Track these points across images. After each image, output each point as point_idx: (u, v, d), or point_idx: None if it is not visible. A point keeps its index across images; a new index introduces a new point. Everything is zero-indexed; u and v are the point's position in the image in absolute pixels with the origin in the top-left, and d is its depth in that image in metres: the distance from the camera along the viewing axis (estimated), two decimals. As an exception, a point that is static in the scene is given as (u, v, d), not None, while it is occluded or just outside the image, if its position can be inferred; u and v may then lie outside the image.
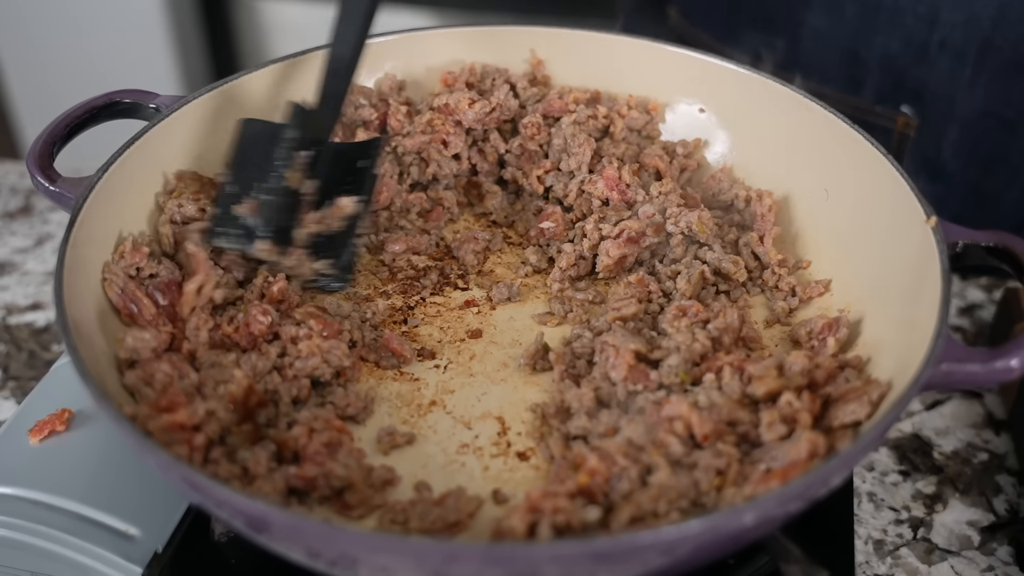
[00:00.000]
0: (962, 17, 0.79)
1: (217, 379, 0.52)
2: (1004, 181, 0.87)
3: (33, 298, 0.85)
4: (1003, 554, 0.64)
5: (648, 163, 0.69)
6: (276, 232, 0.60)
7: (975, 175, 0.87)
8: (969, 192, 0.88)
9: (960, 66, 0.81)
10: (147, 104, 0.64)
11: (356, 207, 0.62)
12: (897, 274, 0.56)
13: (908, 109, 0.85)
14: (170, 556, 0.53)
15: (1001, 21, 0.78)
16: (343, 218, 0.61)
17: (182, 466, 0.43)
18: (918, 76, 0.84)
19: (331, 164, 0.63)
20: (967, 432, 0.72)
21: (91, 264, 0.56)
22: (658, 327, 0.59)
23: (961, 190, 0.87)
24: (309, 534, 0.43)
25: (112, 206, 0.58)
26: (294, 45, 2.50)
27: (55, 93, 2.45)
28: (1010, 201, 0.87)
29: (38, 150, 0.59)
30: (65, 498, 0.54)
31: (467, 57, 0.73)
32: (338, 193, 0.62)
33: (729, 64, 0.69)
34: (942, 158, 0.87)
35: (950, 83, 0.83)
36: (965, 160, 0.87)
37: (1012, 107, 0.82)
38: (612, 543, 0.40)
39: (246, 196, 0.60)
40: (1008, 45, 0.79)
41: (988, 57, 0.80)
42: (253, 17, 2.43)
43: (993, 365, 0.48)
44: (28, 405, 0.60)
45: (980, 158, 0.86)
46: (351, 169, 0.65)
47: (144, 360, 0.52)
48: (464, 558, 0.42)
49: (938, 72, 0.83)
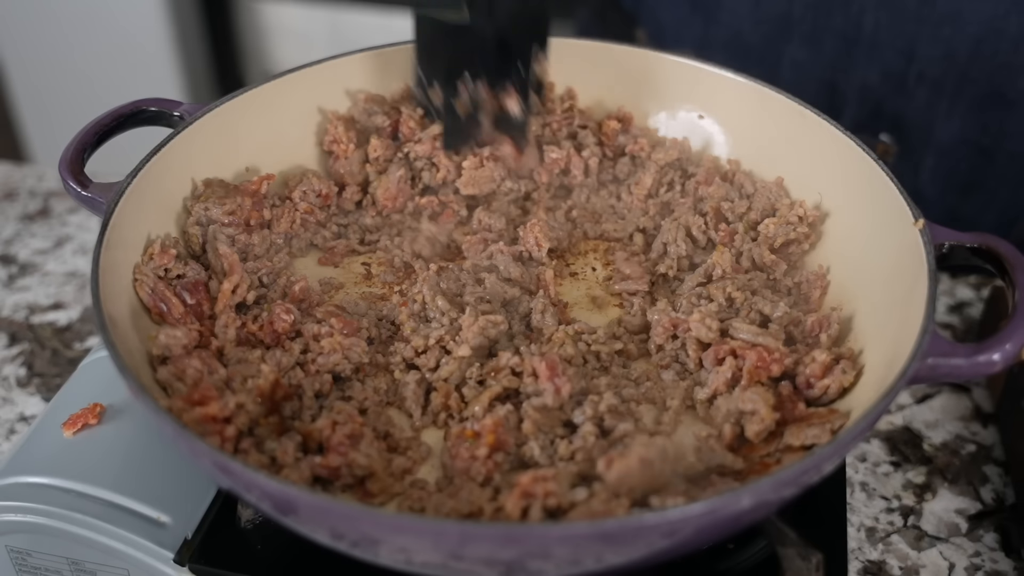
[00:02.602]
0: (939, 52, 0.82)
1: (244, 374, 0.55)
2: (981, 206, 0.90)
3: (54, 298, 0.88)
4: (989, 540, 0.67)
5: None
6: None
7: (953, 200, 0.90)
8: (947, 217, 0.89)
9: (937, 97, 0.84)
10: (171, 112, 0.67)
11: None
12: (887, 273, 0.59)
13: (887, 137, 0.88)
14: (199, 542, 0.55)
15: (976, 55, 0.81)
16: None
17: (216, 452, 0.46)
18: (896, 106, 0.86)
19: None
20: (956, 425, 0.75)
21: (122, 265, 0.58)
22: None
23: (939, 215, 0.89)
24: (333, 515, 0.45)
25: (140, 210, 0.60)
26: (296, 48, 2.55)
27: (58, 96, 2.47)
28: (987, 226, 0.89)
29: (69, 157, 0.61)
30: (99, 487, 0.56)
31: None
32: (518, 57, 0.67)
33: (727, 72, 0.71)
34: (920, 184, 0.90)
35: (928, 113, 0.85)
36: (943, 186, 0.89)
37: (988, 135, 0.85)
38: (619, 524, 0.43)
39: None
40: (983, 77, 0.82)
41: (964, 89, 0.83)
42: (255, 19, 2.44)
43: (976, 359, 0.50)
44: (59, 400, 0.63)
45: (957, 184, 0.89)
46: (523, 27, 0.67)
47: (176, 356, 0.55)
48: (479, 538, 0.44)
49: (916, 103, 0.85)
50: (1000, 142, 0.86)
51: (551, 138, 0.74)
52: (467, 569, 0.47)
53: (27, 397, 0.78)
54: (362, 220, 0.71)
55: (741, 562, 0.56)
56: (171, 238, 0.63)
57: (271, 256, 0.66)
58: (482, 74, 0.67)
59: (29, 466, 0.58)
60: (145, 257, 0.60)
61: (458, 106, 0.67)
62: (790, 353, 0.58)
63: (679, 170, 0.72)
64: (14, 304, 0.87)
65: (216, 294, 0.61)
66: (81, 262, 0.92)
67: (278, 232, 0.67)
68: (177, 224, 0.64)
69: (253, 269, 0.63)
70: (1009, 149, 0.86)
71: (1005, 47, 0.81)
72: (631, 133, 0.74)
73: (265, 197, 0.67)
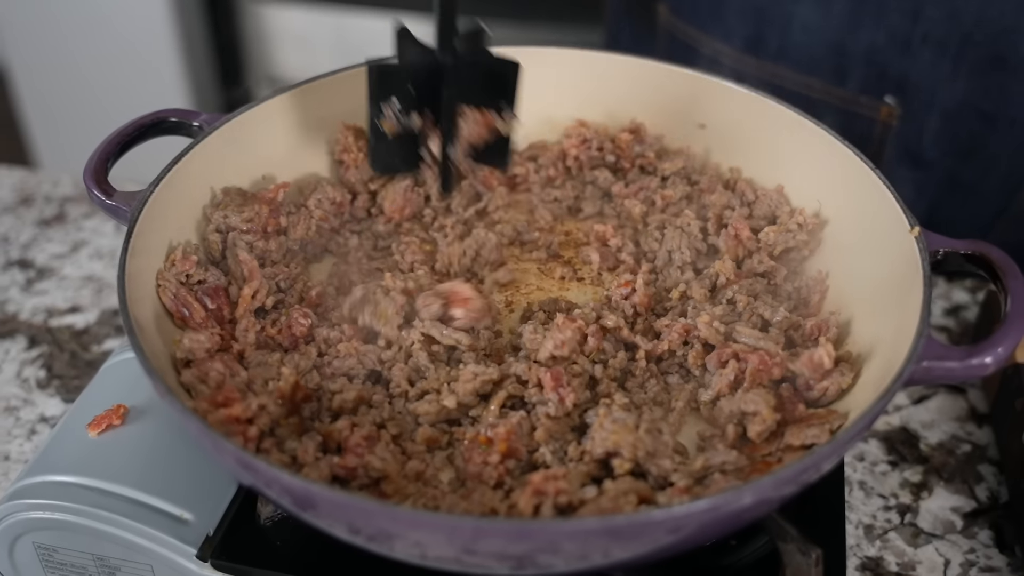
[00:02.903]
0: (944, 13, 0.82)
1: (265, 376, 0.57)
2: (982, 171, 0.90)
3: (72, 301, 0.90)
4: (984, 538, 0.69)
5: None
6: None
7: (955, 165, 0.90)
8: (949, 181, 0.91)
9: (941, 59, 0.84)
10: (191, 122, 0.69)
11: (505, 125, 0.66)
12: (884, 279, 0.61)
13: (891, 99, 0.89)
14: (220, 538, 0.57)
15: (981, 18, 0.81)
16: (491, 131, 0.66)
17: (240, 451, 0.48)
18: (901, 68, 0.87)
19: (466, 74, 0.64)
20: (951, 425, 0.77)
21: (146, 271, 0.60)
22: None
23: (941, 179, 0.91)
24: (351, 511, 0.47)
25: (162, 218, 0.62)
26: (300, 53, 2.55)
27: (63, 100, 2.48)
28: (989, 191, 0.91)
29: (93, 166, 0.63)
30: (124, 486, 0.58)
31: None
32: (481, 104, 0.65)
33: (727, 82, 0.73)
34: (923, 147, 0.90)
35: (931, 75, 0.86)
36: (945, 150, 0.90)
37: (990, 100, 0.86)
38: (627, 520, 0.45)
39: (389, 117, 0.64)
40: (987, 40, 0.82)
41: (968, 51, 0.83)
42: (259, 24, 2.46)
43: (969, 362, 0.52)
44: (82, 402, 0.65)
45: (959, 148, 0.89)
46: (488, 81, 0.65)
47: (199, 360, 0.57)
48: (492, 533, 0.46)
49: (920, 65, 0.86)
50: (1002, 107, 0.86)
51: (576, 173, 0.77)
52: (479, 563, 0.49)
53: (47, 398, 0.80)
54: (375, 227, 0.73)
55: (743, 557, 0.58)
56: (192, 245, 0.65)
57: (287, 262, 0.68)
58: (425, 104, 0.65)
59: (55, 465, 0.60)
60: (167, 263, 0.62)
61: (383, 125, 0.64)
62: (790, 357, 0.60)
63: (684, 178, 0.74)
64: (32, 307, 0.89)
65: (236, 299, 0.63)
66: (97, 266, 0.95)
67: (294, 239, 0.69)
68: (197, 231, 0.67)
69: (271, 275, 0.65)
70: (1011, 115, 0.87)
71: (1010, 9, 0.81)
72: (646, 143, 0.76)
73: (281, 205, 0.69)
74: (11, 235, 0.98)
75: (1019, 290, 0.54)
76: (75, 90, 2.46)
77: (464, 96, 0.64)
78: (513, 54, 0.65)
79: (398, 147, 0.65)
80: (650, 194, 0.74)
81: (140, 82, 2.41)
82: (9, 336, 0.86)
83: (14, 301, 0.90)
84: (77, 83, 2.45)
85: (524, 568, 0.49)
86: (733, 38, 0.94)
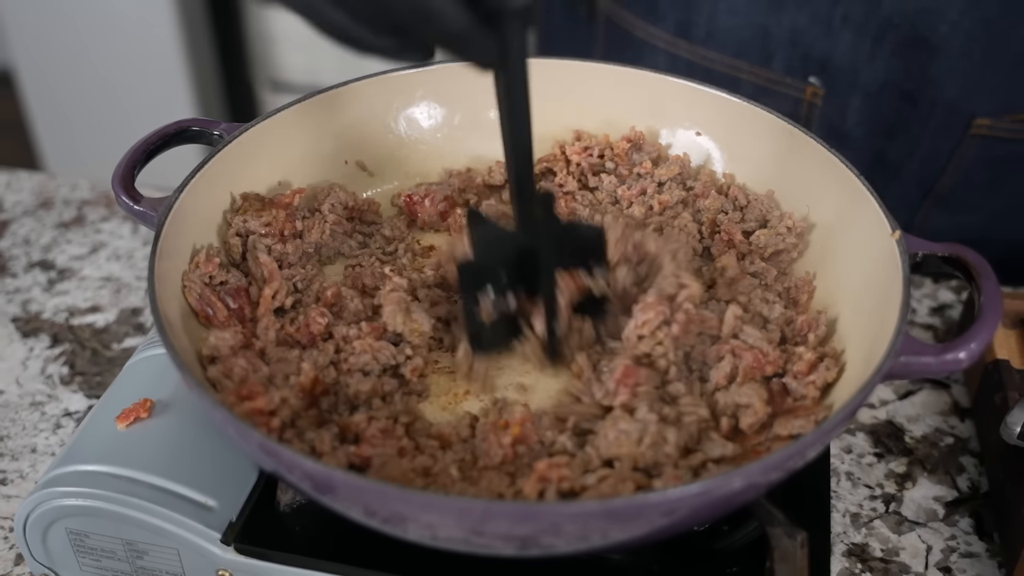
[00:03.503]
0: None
1: (285, 372, 0.61)
2: (906, 151, 0.92)
3: (92, 301, 0.94)
4: (964, 525, 0.72)
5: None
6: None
7: (879, 143, 0.93)
8: (876, 160, 0.93)
9: (862, 40, 0.86)
10: (211, 131, 0.72)
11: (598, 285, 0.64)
12: (867, 280, 0.64)
13: (815, 80, 0.91)
14: (242, 524, 0.60)
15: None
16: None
17: (264, 438, 0.52)
18: (823, 49, 0.89)
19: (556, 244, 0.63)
20: (935, 419, 0.80)
21: (172, 273, 0.64)
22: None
23: (866, 158, 0.93)
24: (368, 494, 0.50)
25: (186, 222, 0.66)
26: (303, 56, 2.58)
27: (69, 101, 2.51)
28: (912, 171, 0.93)
29: (121, 174, 0.67)
30: (151, 474, 0.61)
31: (464, 89, 0.81)
32: (570, 267, 0.64)
33: (722, 93, 0.77)
34: (847, 127, 0.92)
35: (852, 56, 0.88)
36: (869, 129, 0.92)
37: (911, 80, 0.88)
38: (624, 502, 0.49)
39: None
40: (906, 22, 0.84)
41: (888, 33, 0.85)
42: (263, 28, 2.49)
43: (944, 357, 0.56)
44: (109, 396, 0.68)
45: (882, 127, 0.92)
46: (573, 246, 0.64)
47: (223, 356, 0.61)
48: (498, 515, 0.49)
49: (841, 46, 0.88)
50: (923, 87, 0.88)
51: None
52: (486, 544, 0.52)
53: (70, 394, 0.84)
54: (384, 231, 0.77)
55: (735, 541, 0.61)
56: (214, 248, 0.68)
57: (303, 264, 0.71)
58: (518, 284, 0.63)
59: (86, 455, 0.63)
60: (192, 266, 0.66)
61: (481, 315, 0.63)
62: (782, 355, 0.64)
63: (680, 184, 0.78)
64: (55, 307, 0.93)
65: (256, 299, 0.66)
66: (115, 267, 0.98)
67: (309, 242, 0.72)
68: (218, 235, 0.70)
69: (288, 276, 0.69)
70: (931, 95, 0.88)
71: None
72: (644, 151, 0.79)
73: (297, 209, 0.73)
74: (32, 237, 1.02)
75: (991, 290, 0.58)
76: (81, 92, 2.49)
77: (556, 266, 0.63)
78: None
79: (499, 328, 0.64)
80: (648, 199, 0.77)
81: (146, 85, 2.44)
82: (33, 335, 0.90)
83: (37, 301, 0.94)
84: (83, 85, 2.47)
85: (528, 548, 0.52)
86: (666, 22, 0.96)
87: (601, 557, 0.61)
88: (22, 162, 2.63)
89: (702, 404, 0.61)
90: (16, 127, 2.76)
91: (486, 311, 0.63)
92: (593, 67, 0.80)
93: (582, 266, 0.64)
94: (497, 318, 0.63)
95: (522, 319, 0.65)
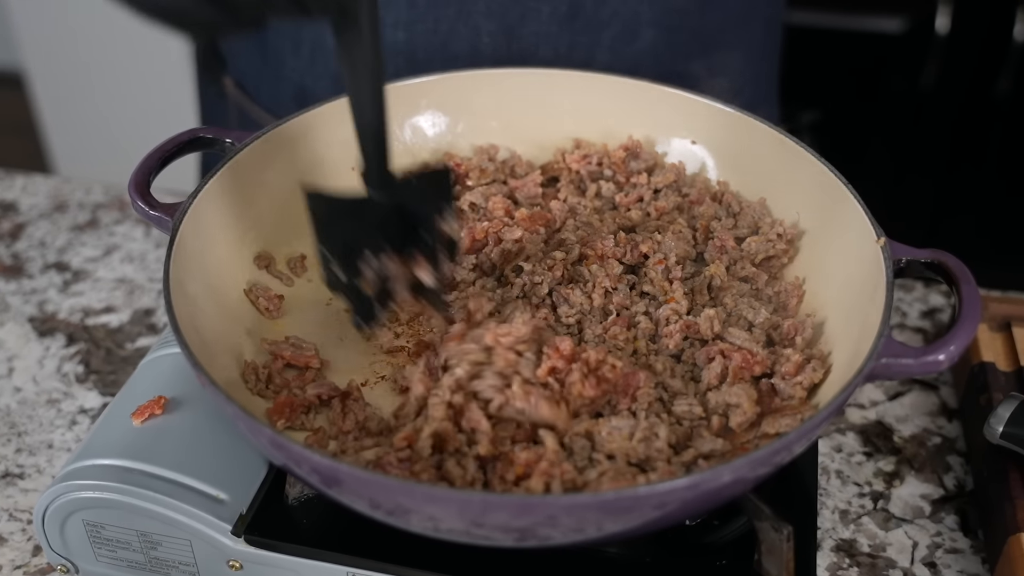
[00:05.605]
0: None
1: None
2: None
3: (106, 302, 0.97)
4: (950, 522, 0.74)
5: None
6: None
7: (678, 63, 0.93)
8: (674, 77, 0.88)
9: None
10: (223, 139, 0.75)
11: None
12: (853, 284, 0.66)
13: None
14: (252, 516, 0.63)
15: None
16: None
17: (272, 432, 0.55)
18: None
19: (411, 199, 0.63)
20: (923, 419, 0.83)
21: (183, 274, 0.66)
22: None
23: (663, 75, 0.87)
24: (373, 487, 0.53)
25: (199, 226, 0.68)
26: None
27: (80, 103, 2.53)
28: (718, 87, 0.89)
29: (137, 179, 0.69)
30: (165, 468, 0.63)
31: (467, 99, 0.84)
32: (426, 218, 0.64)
33: (716, 103, 0.79)
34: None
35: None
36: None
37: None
38: (616, 495, 0.51)
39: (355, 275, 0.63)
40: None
41: None
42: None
43: (924, 359, 0.58)
44: (124, 394, 0.70)
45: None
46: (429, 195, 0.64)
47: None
48: (498, 507, 0.52)
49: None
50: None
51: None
52: (486, 535, 0.55)
53: (85, 392, 0.86)
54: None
55: (725, 535, 0.64)
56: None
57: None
58: (386, 246, 0.63)
59: (102, 450, 0.65)
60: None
61: (363, 285, 0.63)
62: (769, 356, 0.66)
63: (676, 191, 0.81)
64: (70, 307, 0.96)
65: None
66: (128, 269, 1.01)
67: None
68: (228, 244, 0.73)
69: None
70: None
71: None
72: (641, 159, 0.82)
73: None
74: (47, 239, 1.05)
75: (970, 294, 0.60)
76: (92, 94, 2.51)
77: (432, 214, 0.64)
78: (506, 75, 0.69)
79: (376, 297, 0.64)
80: (644, 205, 0.80)
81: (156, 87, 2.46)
82: (49, 334, 0.92)
83: (53, 301, 0.96)
84: (94, 87, 2.49)
85: (526, 540, 0.55)
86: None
87: (597, 550, 0.63)
88: (33, 164, 2.66)
89: (696, 403, 0.64)
90: (27, 129, 2.79)
91: (366, 282, 0.63)
92: (593, 78, 0.83)
93: (437, 211, 0.64)
94: (378, 286, 0.64)
95: (399, 281, 0.65)
